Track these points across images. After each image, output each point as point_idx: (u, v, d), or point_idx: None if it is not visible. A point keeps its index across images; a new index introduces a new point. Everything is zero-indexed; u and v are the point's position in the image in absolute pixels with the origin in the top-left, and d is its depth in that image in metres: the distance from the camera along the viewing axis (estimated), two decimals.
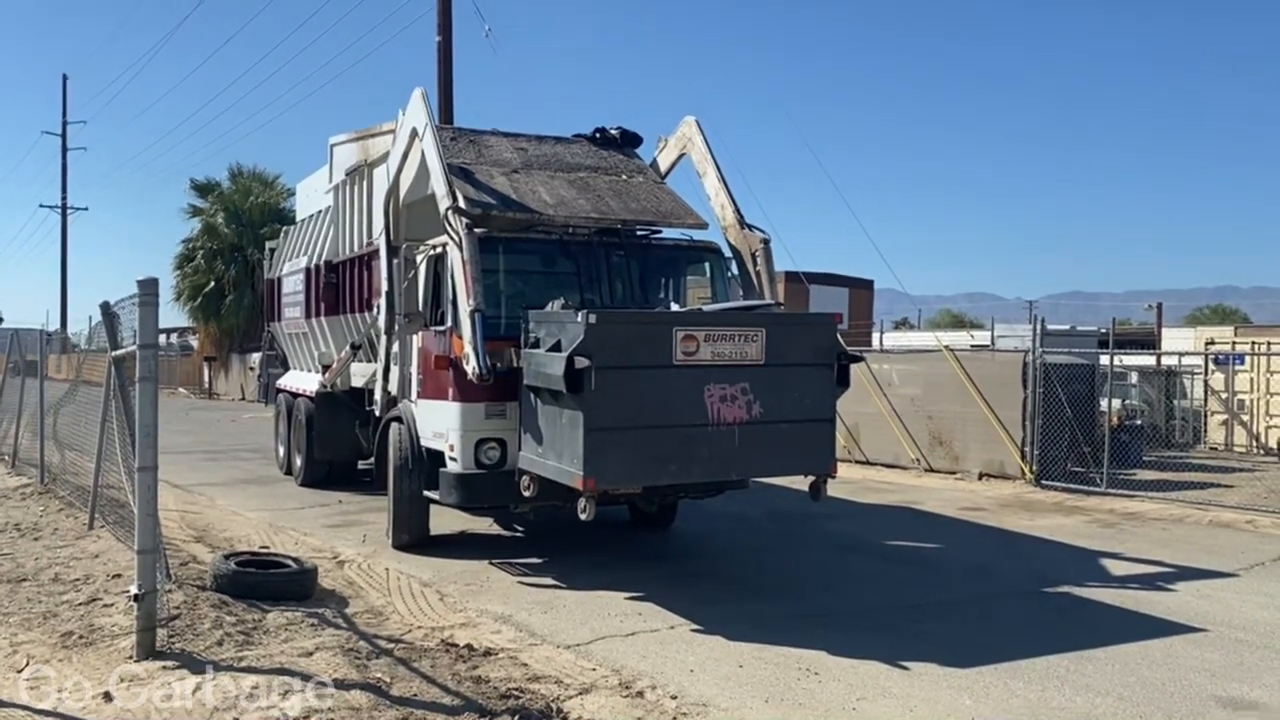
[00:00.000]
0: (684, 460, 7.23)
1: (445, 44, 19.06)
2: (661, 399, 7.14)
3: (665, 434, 7.15)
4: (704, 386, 7.17)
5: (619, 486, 7.36)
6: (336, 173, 12.77)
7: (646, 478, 7.40)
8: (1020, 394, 14.23)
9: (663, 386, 7.14)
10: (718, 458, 7.31)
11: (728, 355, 7.27)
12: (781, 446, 7.55)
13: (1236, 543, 10.36)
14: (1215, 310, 69.59)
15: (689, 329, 7.21)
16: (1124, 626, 7.22)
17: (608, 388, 6.92)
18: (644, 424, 7.09)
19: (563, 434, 7.27)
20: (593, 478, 6.93)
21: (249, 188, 39.76)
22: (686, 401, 7.13)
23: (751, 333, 7.37)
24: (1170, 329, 29.73)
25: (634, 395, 7.07)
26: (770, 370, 7.39)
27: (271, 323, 16.51)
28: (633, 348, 7.12)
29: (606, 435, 6.97)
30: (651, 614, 7.22)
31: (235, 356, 38.96)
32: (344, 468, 13.27)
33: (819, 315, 8.00)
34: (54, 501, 11.12)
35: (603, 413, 6.94)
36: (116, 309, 8.16)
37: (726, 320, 7.58)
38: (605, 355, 6.91)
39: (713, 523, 10.94)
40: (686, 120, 10.54)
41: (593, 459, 6.91)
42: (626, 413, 7.03)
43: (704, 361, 7.19)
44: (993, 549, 10.09)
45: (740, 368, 7.29)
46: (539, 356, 7.52)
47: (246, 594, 7.02)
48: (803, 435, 7.67)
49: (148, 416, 5.79)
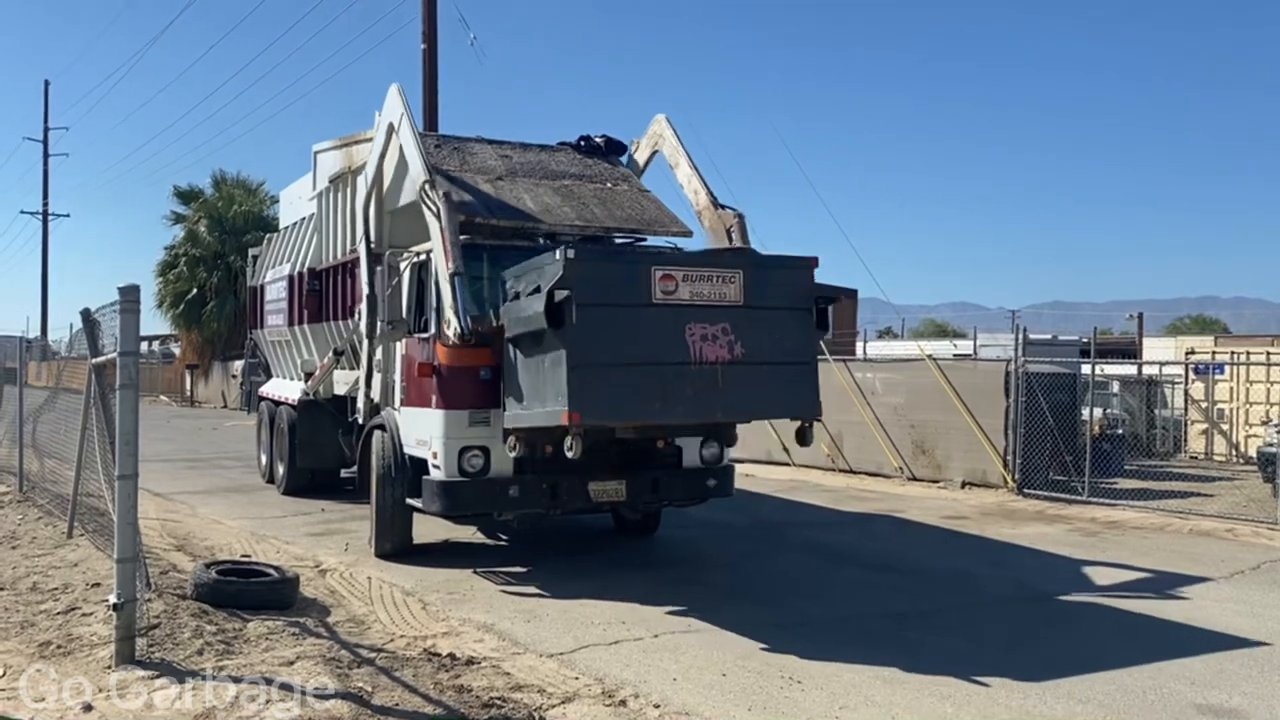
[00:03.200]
0: (668, 398, 7.18)
1: (430, 51, 19.05)
2: (642, 336, 7.15)
3: (648, 371, 7.14)
4: (685, 325, 7.16)
5: (604, 422, 7.24)
6: (320, 180, 12.73)
7: (631, 414, 7.31)
8: (1003, 403, 14.30)
9: (643, 324, 7.16)
10: (702, 398, 7.25)
11: (707, 296, 7.28)
12: (765, 388, 7.54)
13: (1217, 551, 10.43)
14: (1196, 320, 70.12)
15: (667, 268, 7.28)
16: (1106, 634, 7.26)
17: (588, 324, 6.95)
18: (626, 360, 7.10)
19: (546, 378, 7.28)
20: (578, 412, 6.90)
21: (232, 195, 39.62)
22: (668, 339, 7.12)
23: (729, 274, 7.39)
24: (1151, 339, 29.95)
25: (615, 332, 7.09)
26: (750, 312, 7.39)
27: (254, 330, 16.44)
28: (611, 285, 7.18)
29: (589, 371, 6.98)
30: (635, 622, 7.21)
31: (218, 364, 38.76)
32: (327, 476, 13.20)
33: (796, 258, 7.94)
34: (33, 510, 11.01)
35: (585, 348, 6.96)
36: (98, 316, 8.10)
37: (704, 261, 7.66)
38: (585, 291, 6.94)
39: (696, 530, 10.94)
40: (656, 119, 10.72)
41: (577, 394, 6.91)
42: (608, 349, 7.05)
43: (683, 301, 7.21)
44: (975, 557, 10.12)
45: (720, 308, 7.29)
46: (519, 304, 7.53)
47: (227, 603, 6.97)
48: (786, 377, 7.66)
49: (128, 424, 5.75)
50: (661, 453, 8.95)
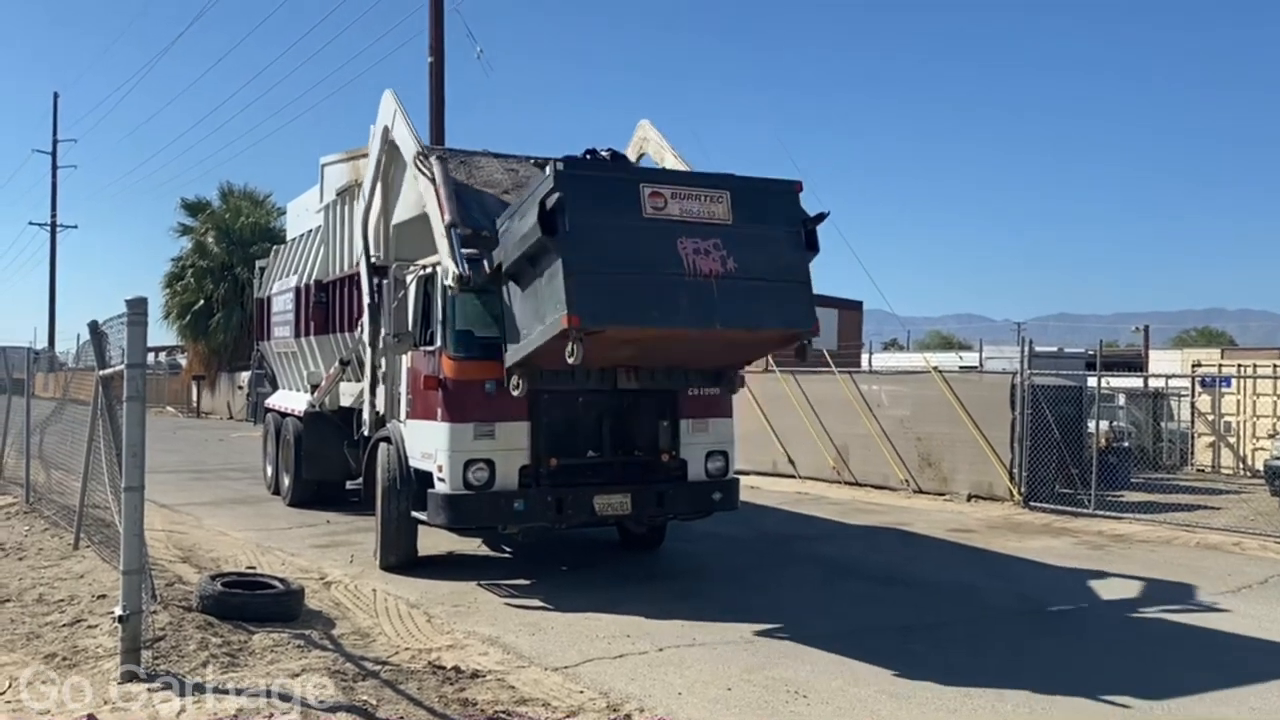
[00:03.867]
0: (665, 306, 7.32)
1: (437, 64, 19.15)
2: (636, 248, 7.33)
3: (643, 279, 7.31)
4: (677, 239, 7.35)
5: (603, 324, 7.24)
6: (327, 192, 12.79)
7: (629, 318, 7.36)
8: (1008, 415, 14.27)
9: (636, 237, 7.35)
10: (699, 307, 7.38)
11: (696, 213, 7.50)
12: (760, 301, 7.64)
13: (1224, 565, 10.39)
14: (1202, 333, 69.99)
15: (655, 186, 7.53)
16: (1113, 648, 7.23)
17: (582, 231, 7.17)
18: (621, 269, 7.27)
19: (544, 296, 7.43)
20: (576, 315, 7.01)
21: (239, 207, 39.74)
22: (661, 252, 7.31)
23: (716, 194, 7.60)
24: (1157, 351, 29.87)
25: (608, 241, 7.29)
26: (739, 229, 7.59)
27: (261, 341, 16.47)
28: (602, 198, 7.42)
29: (586, 277, 7.14)
30: (640, 636, 7.20)
31: (224, 375, 38.81)
32: (332, 488, 13.22)
33: (779, 181, 8.11)
34: (39, 521, 11.04)
35: (580, 253, 7.15)
36: (105, 328, 8.14)
37: (691, 180, 7.87)
38: (576, 200, 7.18)
39: (702, 544, 10.93)
40: (640, 124, 10.96)
41: (575, 297, 7.04)
42: (603, 258, 7.24)
43: (674, 217, 7.42)
44: (981, 571, 10.09)
45: (710, 225, 7.49)
46: (514, 227, 7.78)
47: (233, 615, 6.98)
48: (779, 293, 7.75)
49: (135, 436, 5.77)
50: (666, 466, 8.95)
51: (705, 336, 7.74)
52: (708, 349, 8.24)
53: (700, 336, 7.74)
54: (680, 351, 8.27)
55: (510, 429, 8.46)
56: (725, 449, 9.30)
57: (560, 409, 8.61)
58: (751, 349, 8.77)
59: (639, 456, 8.91)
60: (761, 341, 8.48)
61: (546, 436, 8.51)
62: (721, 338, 7.84)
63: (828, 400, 17.05)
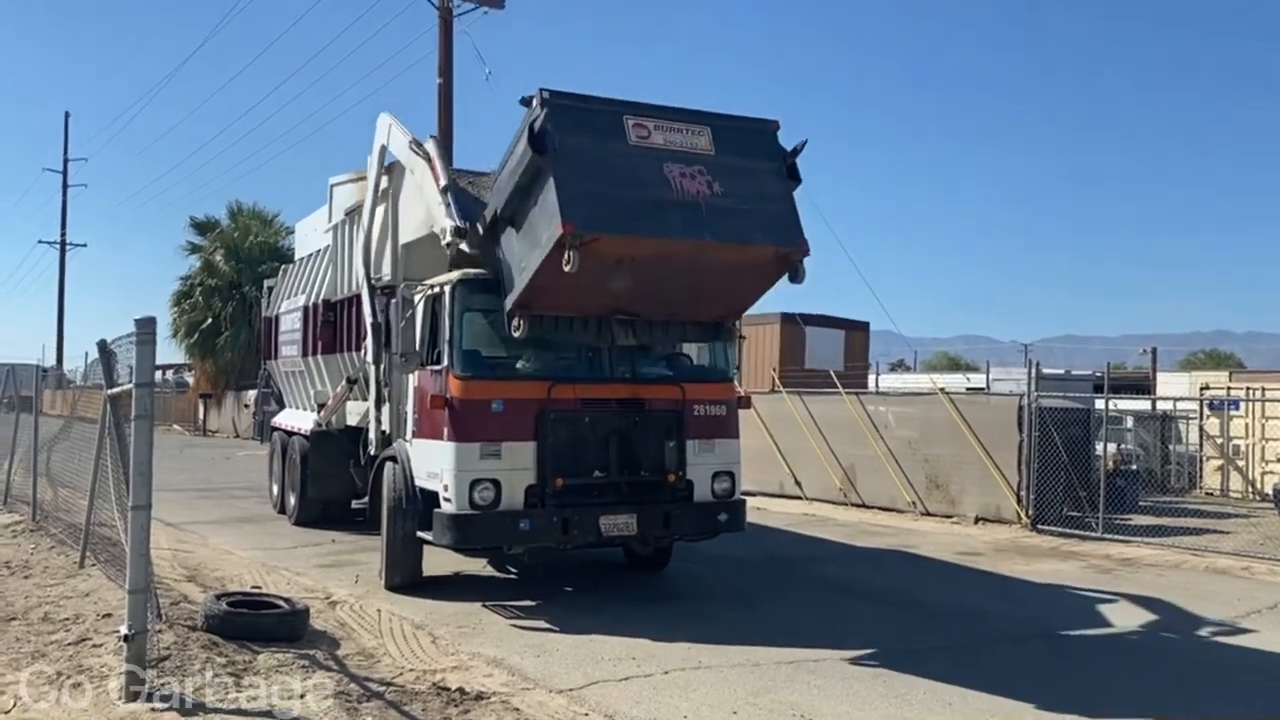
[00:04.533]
0: (656, 219, 7.61)
1: (446, 86, 19.24)
2: (624, 168, 7.65)
3: (633, 194, 7.60)
4: (663, 164, 7.70)
5: (596, 234, 7.40)
6: (336, 212, 12.84)
7: (621, 227, 7.57)
8: (1016, 438, 14.23)
9: (623, 159, 7.67)
10: (689, 223, 7.67)
11: (679, 144, 7.85)
12: (748, 220, 7.93)
13: (1233, 589, 10.32)
14: (1210, 355, 69.75)
15: (638, 117, 7.83)
16: (1123, 673, 7.18)
17: (571, 150, 7.53)
18: (611, 186, 7.59)
19: (538, 221, 7.68)
20: (570, 222, 7.24)
21: (248, 226, 39.91)
22: (648, 173, 7.64)
23: (697, 128, 7.95)
24: (1165, 373, 29.82)
25: (597, 162, 7.64)
26: (723, 159, 7.92)
27: (268, 360, 16.51)
28: (587, 125, 7.73)
29: (578, 187, 7.45)
30: (645, 658, 7.16)
31: (231, 394, 38.89)
32: (338, 507, 13.20)
33: (757, 119, 8.46)
34: (45, 539, 11.04)
35: (571, 170, 7.49)
36: (114, 346, 8.16)
37: (672, 114, 8.04)
38: (563, 124, 7.55)
39: (708, 565, 10.88)
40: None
41: (568, 207, 7.30)
42: (593, 175, 7.57)
43: (658, 145, 7.78)
44: (989, 594, 10.04)
45: (695, 154, 7.84)
46: (507, 166, 8.11)
47: (238, 635, 6.96)
48: (766, 214, 8.02)
49: (143, 454, 5.78)
50: (673, 486, 8.93)
51: (697, 253, 7.85)
52: (702, 281, 8.29)
53: (692, 253, 7.84)
54: (674, 285, 8.27)
55: (516, 449, 8.45)
56: (732, 469, 9.28)
57: (567, 429, 8.61)
58: (745, 279, 8.64)
59: (645, 477, 8.89)
60: (753, 263, 8.37)
61: (553, 456, 8.50)
62: (713, 255, 7.94)
63: (835, 421, 17.03)
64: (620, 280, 7.97)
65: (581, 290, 7.85)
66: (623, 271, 7.86)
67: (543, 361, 9.09)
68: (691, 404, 9.06)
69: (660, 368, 9.44)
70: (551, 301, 8.14)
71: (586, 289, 7.80)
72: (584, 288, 7.68)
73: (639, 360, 9.17)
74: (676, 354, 9.87)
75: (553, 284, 7.69)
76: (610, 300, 8.26)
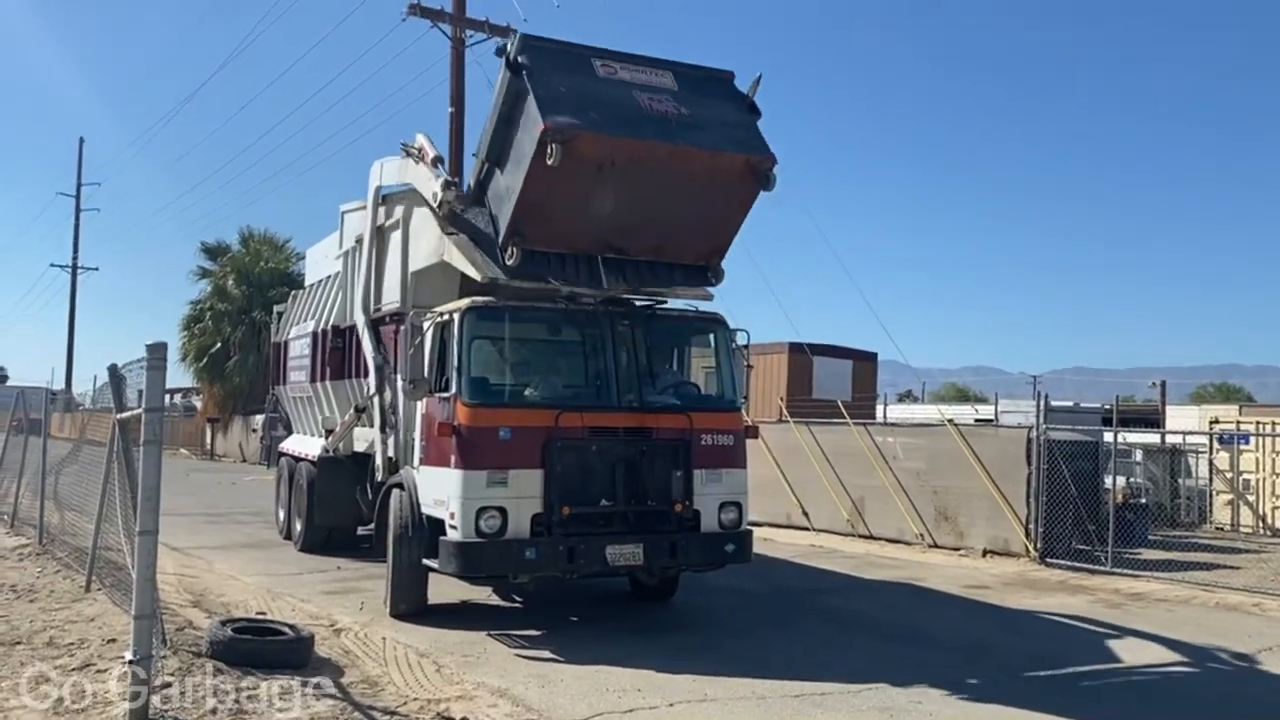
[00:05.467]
0: (631, 126, 8.26)
1: (458, 115, 19.42)
2: (597, 91, 8.34)
3: (608, 107, 8.27)
4: (631, 91, 8.43)
5: (576, 130, 7.92)
6: (347, 239, 12.90)
7: (601, 126, 8.15)
8: (1024, 470, 14.16)
9: (596, 86, 8.37)
10: (663, 130, 8.33)
11: (644, 80, 8.59)
12: (719, 134, 8.60)
13: (1244, 626, 10.23)
14: (1219, 388, 69.49)
15: (605, 60, 8.57)
16: (1133, 710, 7.11)
17: (547, 73, 8.23)
18: (586, 99, 8.22)
19: (522, 142, 8.23)
20: (550, 121, 7.83)
21: (259, 251, 40.15)
22: (619, 95, 8.38)
23: (660, 70, 8.73)
24: (1174, 407, 29.68)
25: (571, 82, 8.26)
26: (685, 94, 8.63)
27: (276, 385, 16.55)
28: (561, 60, 8.45)
29: (556, 94, 8.09)
30: (651, 690, 7.12)
31: (238, 418, 38.98)
32: (344, 533, 13.19)
33: (715, 69, 9.20)
34: (51, 563, 11.05)
35: (548, 85, 8.14)
36: (124, 371, 8.21)
37: (635, 58, 8.75)
38: (538, 57, 8.30)
39: (714, 596, 10.82)
40: None
41: (547, 108, 7.91)
42: (569, 90, 8.20)
43: (626, 80, 8.51)
44: (997, 628, 9.96)
45: (660, 88, 8.60)
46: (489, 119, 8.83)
47: (242, 661, 6.94)
48: (734, 132, 8.69)
49: (151, 479, 5.79)
50: (680, 516, 8.90)
51: (673, 159, 8.37)
52: (680, 201, 8.70)
53: (668, 159, 8.37)
54: (654, 205, 8.68)
55: (523, 477, 8.45)
56: (739, 500, 9.26)
57: (574, 457, 8.60)
58: (721, 199, 8.91)
59: (652, 506, 8.87)
60: (726, 176, 8.68)
61: (559, 485, 8.49)
62: (688, 164, 8.46)
63: (842, 451, 16.97)
64: (603, 201, 8.49)
65: (569, 214, 8.45)
66: (604, 186, 8.37)
67: (550, 389, 9.11)
68: (699, 433, 9.06)
69: (668, 396, 9.45)
70: (542, 227, 8.57)
71: (572, 211, 8.41)
72: (570, 209, 8.34)
73: (646, 388, 9.18)
74: (684, 382, 9.88)
75: (541, 200, 8.29)
76: (596, 231, 8.73)
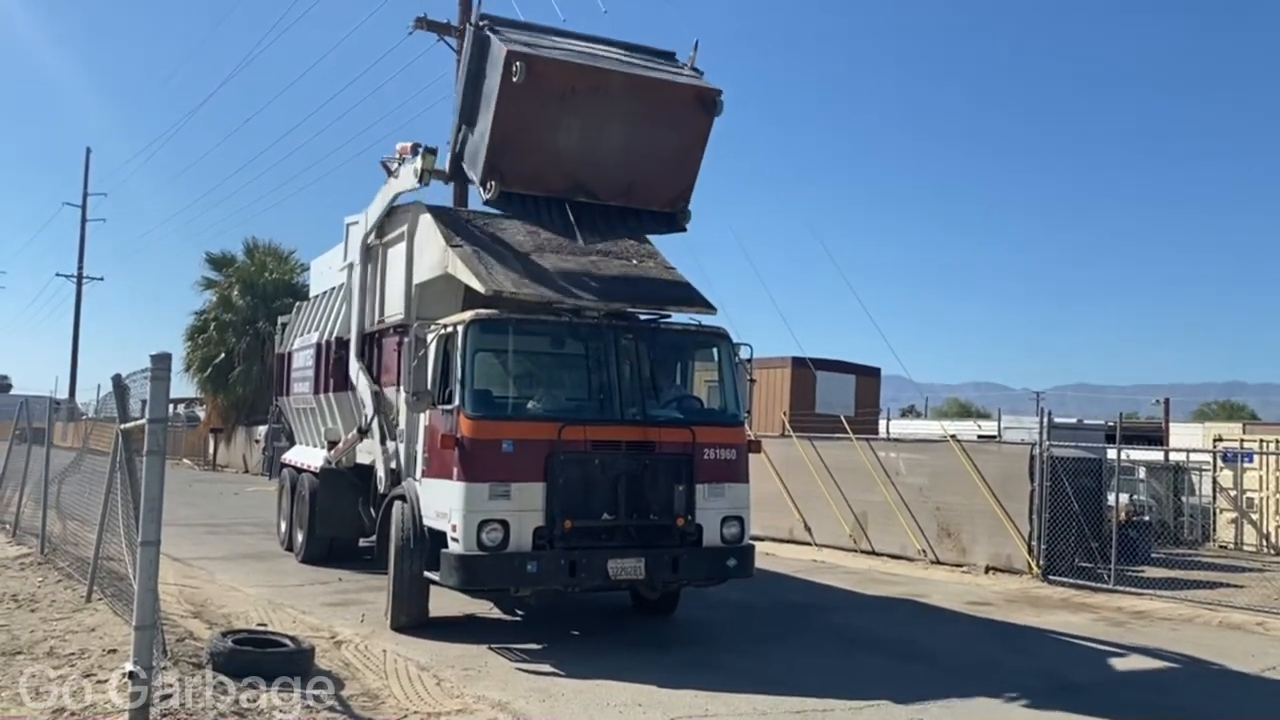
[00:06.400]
0: (588, 59, 9.26)
1: None
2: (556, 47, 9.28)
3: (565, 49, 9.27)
4: (586, 45, 9.57)
5: (536, 53, 8.87)
6: (351, 251, 12.94)
7: (556, 53, 9.11)
8: (1027, 487, 14.14)
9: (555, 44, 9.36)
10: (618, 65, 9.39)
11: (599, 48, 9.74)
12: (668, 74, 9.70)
13: (1247, 645, 10.19)
14: (1223, 406, 69.39)
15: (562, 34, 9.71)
16: None
17: (508, 33, 9.19)
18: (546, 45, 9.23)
19: (489, 81, 9.01)
20: (511, 46, 8.76)
21: (264, 262, 40.18)
22: (576, 47, 9.42)
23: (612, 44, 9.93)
24: (1178, 424, 29.63)
25: (533, 44, 9.12)
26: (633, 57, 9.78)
27: (280, 396, 16.57)
28: (520, 28, 9.55)
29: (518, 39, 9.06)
30: (651, 705, 7.10)
31: (241, 429, 38.98)
32: (345, 545, 13.18)
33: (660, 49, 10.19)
34: (53, 572, 11.04)
35: (511, 36, 9.09)
36: (128, 381, 8.22)
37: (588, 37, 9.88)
38: (500, 24, 9.42)
39: (716, 611, 10.80)
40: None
41: (509, 44, 8.84)
42: (529, 40, 9.16)
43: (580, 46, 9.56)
44: (1000, 645, 9.93)
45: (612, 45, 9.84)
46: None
47: (243, 672, 6.92)
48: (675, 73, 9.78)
49: (154, 490, 5.79)
50: (682, 530, 8.89)
51: (629, 88, 9.23)
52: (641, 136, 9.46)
53: (624, 88, 9.21)
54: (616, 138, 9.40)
55: (526, 490, 8.44)
56: (741, 514, 9.25)
57: (576, 470, 8.60)
58: (677, 133, 9.62)
59: (654, 520, 8.86)
60: (679, 108, 9.53)
61: (562, 498, 8.48)
62: (644, 94, 9.36)
63: (845, 467, 16.94)
64: (569, 134, 9.21)
65: (539, 147, 9.10)
66: (569, 118, 9.13)
67: (553, 402, 9.11)
68: (702, 447, 9.05)
69: (671, 410, 9.45)
70: (515, 161, 9.17)
71: (541, 145, 9.08)
72: (539, 142, 9.05)
73: (650, 402, 9.19)
74: (687, 396, 9.88)
75: (511, 131, 8.98)
76: (567, 166, 9.35)
